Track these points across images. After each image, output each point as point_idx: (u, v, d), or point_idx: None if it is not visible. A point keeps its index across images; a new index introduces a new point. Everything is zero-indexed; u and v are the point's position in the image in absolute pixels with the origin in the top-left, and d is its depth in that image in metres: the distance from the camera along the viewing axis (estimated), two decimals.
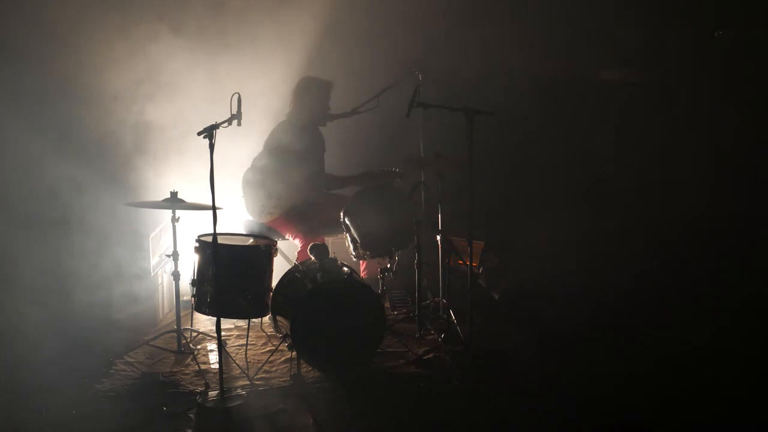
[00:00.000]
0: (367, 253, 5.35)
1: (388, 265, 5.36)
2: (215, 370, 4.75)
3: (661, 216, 6.77)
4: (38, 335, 5.06)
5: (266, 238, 5.14)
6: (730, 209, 6.40)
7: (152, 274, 5.59)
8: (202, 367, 4.88)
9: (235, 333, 5.50)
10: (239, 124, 4.55)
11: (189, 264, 5.01)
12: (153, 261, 5.58)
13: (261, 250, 4.89)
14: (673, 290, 5.85)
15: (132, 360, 5.00)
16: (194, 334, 5.36)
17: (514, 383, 4.65)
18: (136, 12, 6.12)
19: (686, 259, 6.27)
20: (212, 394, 4.47)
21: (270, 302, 4.89)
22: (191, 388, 4.63)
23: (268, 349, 5.18)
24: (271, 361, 4.95)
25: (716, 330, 5.19)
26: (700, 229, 6.34)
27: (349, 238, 5.38)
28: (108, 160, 6.06)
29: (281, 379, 4.75)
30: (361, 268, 6.00)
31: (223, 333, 4.66)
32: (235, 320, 5.54)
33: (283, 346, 4.91)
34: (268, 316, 5.06)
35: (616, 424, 4.09)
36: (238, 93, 4.50)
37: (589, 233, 6.69)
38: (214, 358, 5.05)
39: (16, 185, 5.79)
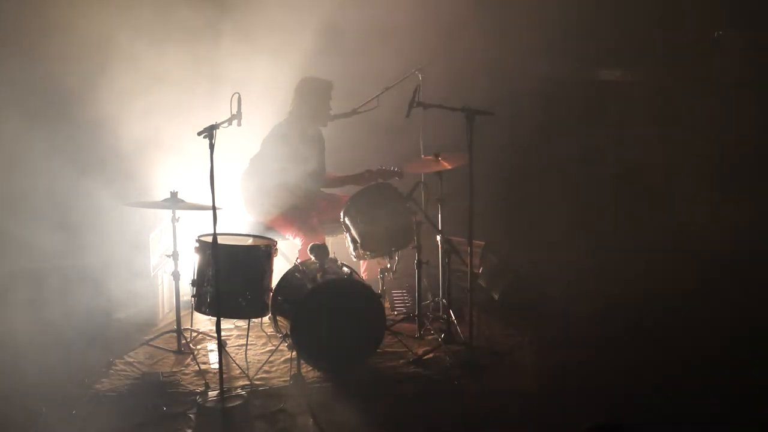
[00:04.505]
0: (367, 253, 5.35)
1: (388, 265, 5.36)
2: (215, 370, 4.75)
3: (662, 216, 6.78)
4: (38, 335, 5.06)
5: (266, 238, 5.13)
6: (731, 211, 6.41)
7: (152, 274, 5.59)
8: (202, 367, 4.88)
9: (235, 333, 5.49)
10: (239, 124, 4.54)
11: (189, 264, 5.00)
12: (153, 261, 5.57)
13: (261, 250, 4.89)
14: (675, 291, 5.85)
15: (132, 360, 5.00)
16: (194, 334, 5.35)
17: (514, 383, 4.66)
18: (137, 12, 6.14)
19: (687, 259, 6.28)
20: (212, 394, 4.46)
21: (270, 302, 4.89)
22: (191, 388, 4.63)
23: (268, 349, 5.18)
24: (271, 361, 4.95)
25: (717, 331, 5.19)
26: (701, 230, 6.35)
27: (349, 238, 5.38)
28: (108, 160, 6.07)
29: (281, 379, 4.74)
30: (362, 268, 5.99)
31: (223, 333, 4.65)
32: (235, 320, 5.54)
33: (283, 346, 4.91)
34: (268, 316, 5.05)
35: (616, 424, 4.08)
36: (238, 93, 4.49)
37: (589, 233, 6.69)
38: (214, 358, 5.05)
39: (16, 185, 5.80)
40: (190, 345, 5.13)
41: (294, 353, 4.71)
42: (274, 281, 4.95)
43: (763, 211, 6.45)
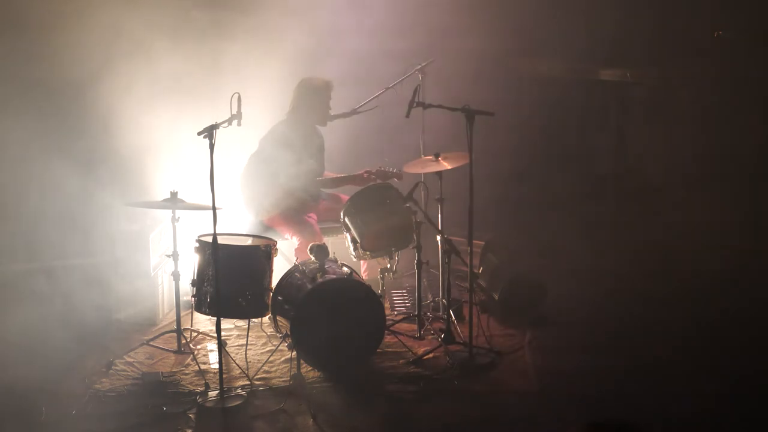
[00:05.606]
0: (367, 253, 5.36)
1: (388, 265, 5.36)
2: (215, 370, 4.75)
3: (663, 215, 6.78)
4: (39, 335, 5.06)
5: (266, 238, 5.14)
6: (732, 211, 6.41)
7: (152, 274, 5.59)
8: (202, 367, 4.88)
9: (235, 333, 5.49)
10: (239, 124, 4.55)
11: (189, 264, 5.00)
12: (153, 261, 5.57)
13: (261, 250, 4.90)
14: (676, 291, 5.84)
15: (132, 360, 4.99)
16: (194, 334, 5.35)
17: (514, 383, 4.66)
18: (136, 13, 6.14)
19: (688, 259, 6.27)
20: (212, 394, 4.47)
21: (270, 302, 4.89)
22: (191, 388, 4.63)
23: (268, 349, 5.18)
24: (271, 361, 4.95)
25: (718, 332, 5.19)
26: (702, 229, 6.35)
27: (349, 238, 5.38)
28: (109, 159, 6.07)
29: (281, 379, 4.74)
30: (363, 268, 5.99)
31: (223, 333, 4.66)
32: (235, 320, 5.54)
33: (283, 346, 4.91)
34: (268, 316, 5.05)
35: (615, 424, 4.08)
36: (238, 93, 4.50)
37: (589, 232, 6.70)
38: (214, 358, 5.05)
39: (16, 184, 5.80)
40: (190, 345, 5.13)
41: (294, 353, 4.71)
42: (274, 281, 4.96)
43: (765, 211, 6.45)
